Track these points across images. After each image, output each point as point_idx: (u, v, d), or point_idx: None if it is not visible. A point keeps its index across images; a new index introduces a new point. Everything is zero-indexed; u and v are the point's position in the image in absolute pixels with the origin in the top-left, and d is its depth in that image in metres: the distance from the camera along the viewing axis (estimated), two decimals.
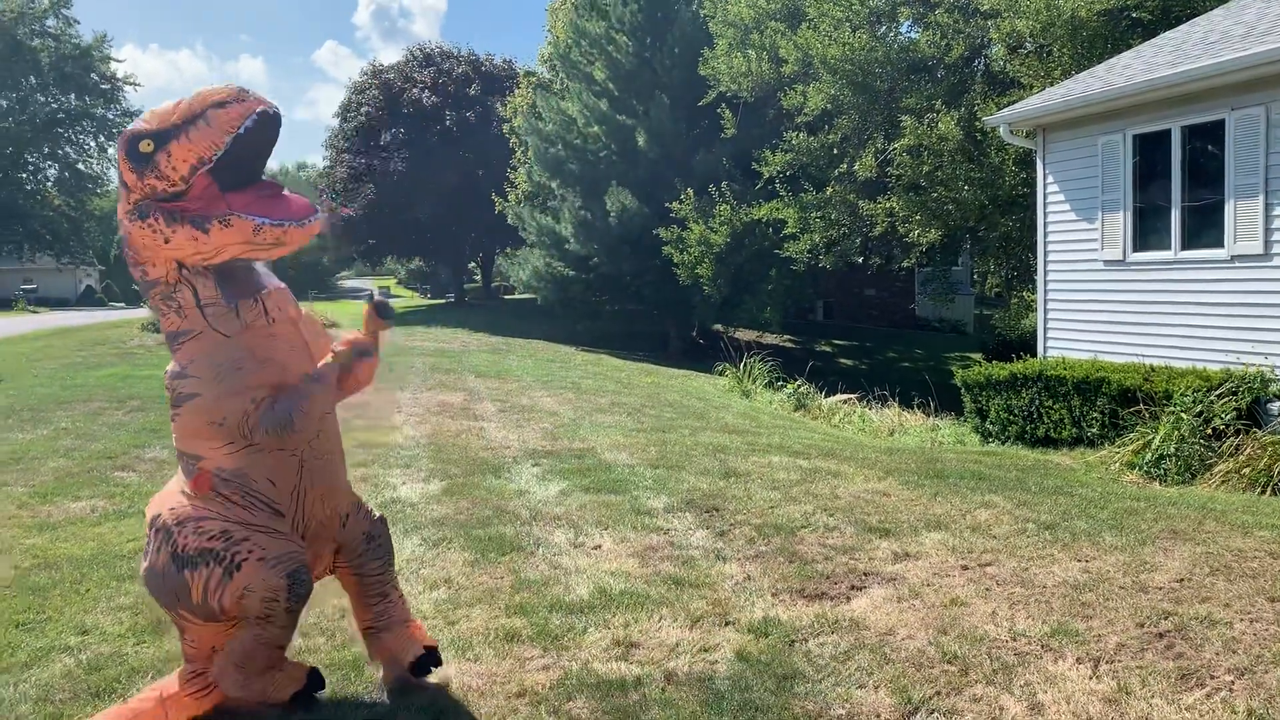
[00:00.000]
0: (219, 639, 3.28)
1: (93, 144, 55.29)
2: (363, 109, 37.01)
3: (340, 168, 37.17)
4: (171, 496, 3.37)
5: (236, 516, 3.22)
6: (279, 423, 3.15)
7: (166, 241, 3.12)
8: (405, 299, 50.17)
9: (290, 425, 3.15)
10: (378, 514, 3.68)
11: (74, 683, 3.67)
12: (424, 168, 34.91)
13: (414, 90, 36.47)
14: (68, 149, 54.52)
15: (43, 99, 52.28)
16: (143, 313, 24.42)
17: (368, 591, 3.60)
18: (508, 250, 35.04)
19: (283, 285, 3.39)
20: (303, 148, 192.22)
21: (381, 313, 3.51)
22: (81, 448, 8.41)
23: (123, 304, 48.12)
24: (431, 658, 3.64)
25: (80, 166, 54.99)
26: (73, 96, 53.04)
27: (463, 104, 36.38)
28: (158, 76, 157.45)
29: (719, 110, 20.74)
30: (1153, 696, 3.54)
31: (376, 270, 59.70)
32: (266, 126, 3.08)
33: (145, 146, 3.08)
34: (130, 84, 54.64)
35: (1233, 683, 3.64)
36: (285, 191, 3.21)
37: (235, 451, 3.21)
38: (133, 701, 3.35)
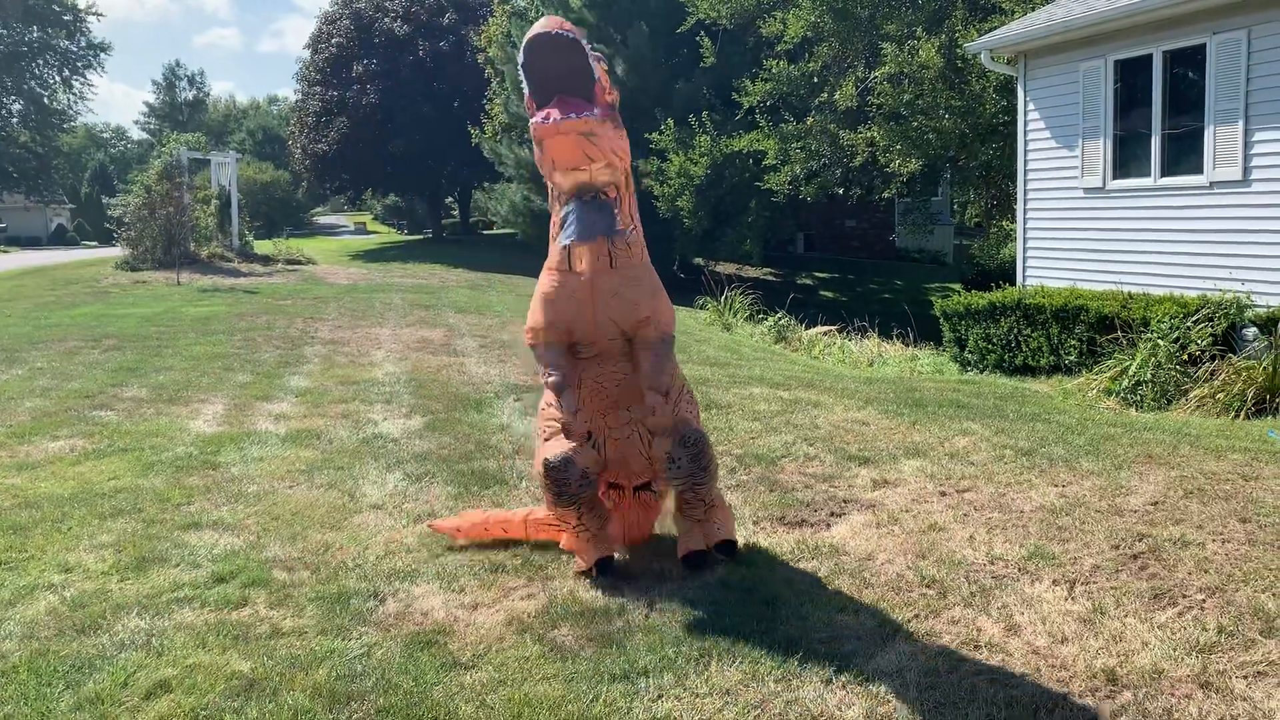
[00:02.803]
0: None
1: (56, 78, 53.97)
2: (334, 40, 36.12)
3: (312, 100, 36.43)
4: None
5: (549, 400, 4.08)
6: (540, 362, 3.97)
7: (531, 152, 3.79)
8: (381, 235, 49.63)
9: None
10: (690, 436, 3.96)
11: (58, 619, 3.67)
12: (397, 100, 34.25)
13: (386, 20, 35.59)
14: (32, 83, 53.17)
15: (4, 31, 50.83)
16: (116, 251, 24.04)
17: (676, 494, 4.15)
18: (485, 184, 34.58)
19: (594, 240, 3.80)
20: (272, 81, 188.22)
21: None
22: (58, 387, 8.34)
23: (95, 243, 47.21)
24: (696, 559, 4.13)
25: (46, 101, 53.70)
26: (35, 29, 51.59)
27: (436, 34, 35.57)
28: (119, 7, 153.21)
29: (698, 38, 20.40)
30: (1126, 616, 3.61)
31: (356, 206, 58.89)
32: (534, 50, 3.54)
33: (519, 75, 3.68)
34: (92, 14, 53.22)
35: (1204, 601, 3.72)
36: (570, 100, 3.58)
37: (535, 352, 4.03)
38: (504, 513, 4.60)
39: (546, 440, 4.04)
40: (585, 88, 3.65)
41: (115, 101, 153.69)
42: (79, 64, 54.54)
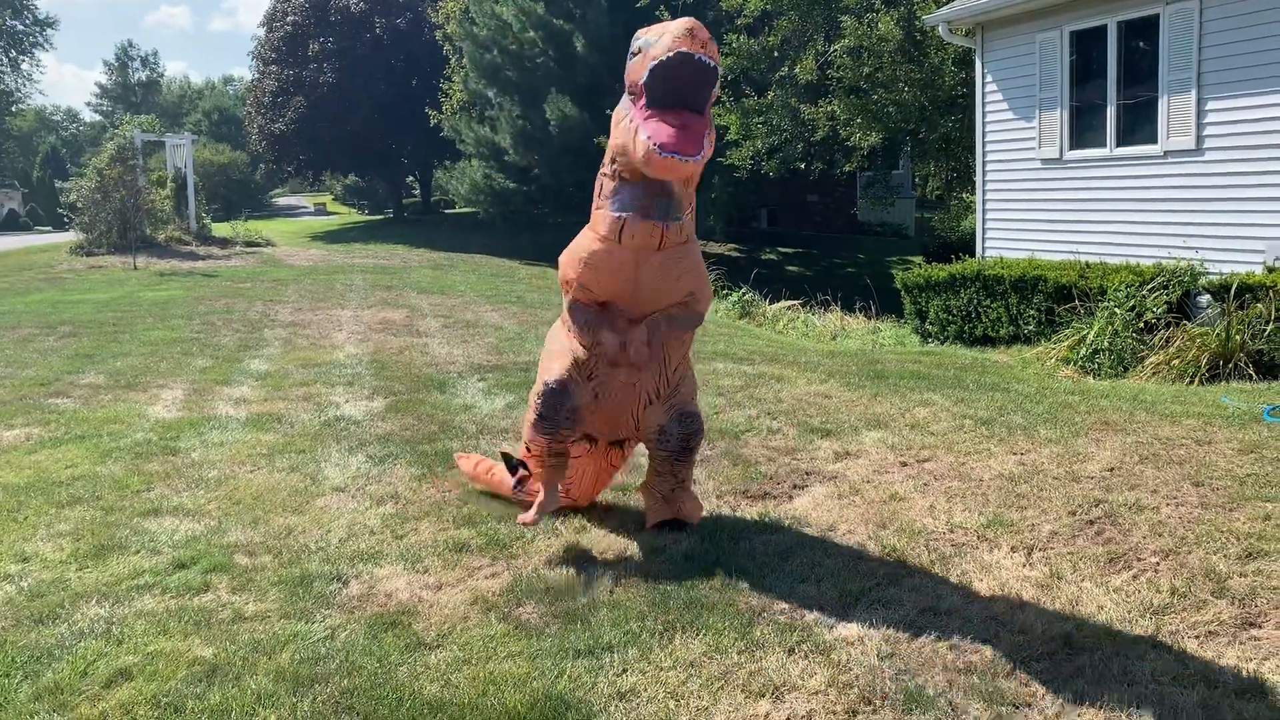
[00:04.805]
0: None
1: (4, 58, 52.73)
2: (289, 18, 35.53)
3: (268, 80, 35.87)
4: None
5: (568, 340, 4.15)
6: (573, 321, 4.05)
7: (616, 124, 3.77)
8: (342, 215, 49.09)
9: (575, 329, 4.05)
10: (688, 416, 4.09)
11: (15, 610, 3.63)
12: (355, 78, 33.80)
13: None
14: None
15: None
16: (69, 236, 23.59)
17: (653, 464, 4.23)
18: (446, 163, 34.27)
19: (657, 223, 3.80)
20: (225, 61, 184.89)
21: None
22: (12, 375, 8.20)
23: (48, 228, 46.22)
24: (672, 525, 4.25)
25: None
26: None
27: (393, 10, 35.11)
28: None
29: (658, 13, 20.25)
30: (1083, 580, 3.67)
31: (315, 187, 58.07)
32: (679, 64, 3.50)
33: (634, 48, 3.68)
34: None
35: (1158, 564, 3.79)
36: (693, 124, 3.54)
37: (567, 304, 4.12)
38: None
39: (550, 372, 4.11)
40: (703, 104, 3.64)
41: (65, 83, 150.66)
42: (27, 43, 53.36)
